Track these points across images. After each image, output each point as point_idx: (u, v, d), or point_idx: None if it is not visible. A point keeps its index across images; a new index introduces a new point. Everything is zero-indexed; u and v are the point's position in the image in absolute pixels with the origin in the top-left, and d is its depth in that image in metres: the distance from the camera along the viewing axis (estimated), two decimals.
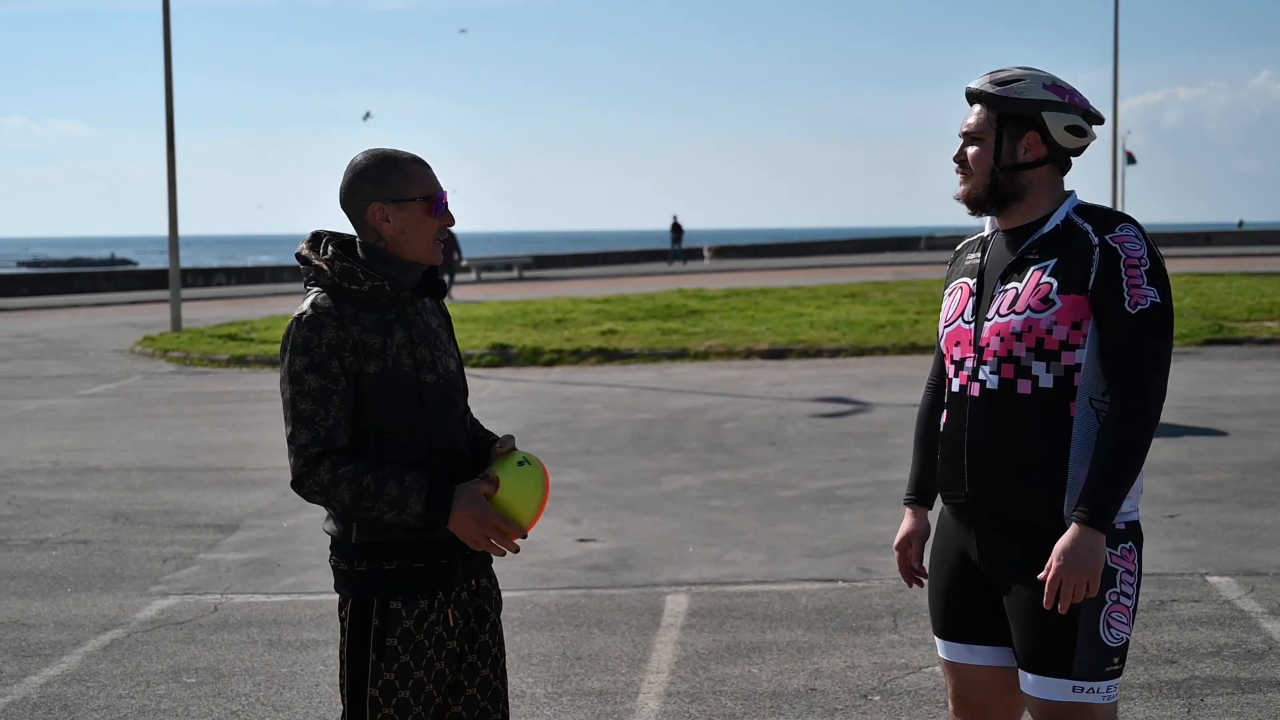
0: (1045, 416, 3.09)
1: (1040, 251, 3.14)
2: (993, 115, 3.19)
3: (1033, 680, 3.15)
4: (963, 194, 3.25)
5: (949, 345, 3.27)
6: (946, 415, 3.27)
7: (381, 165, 3.15)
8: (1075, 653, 3.08)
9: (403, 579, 3.13)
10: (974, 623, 3.27)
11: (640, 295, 26.72)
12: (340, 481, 3.03)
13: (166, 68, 23.68)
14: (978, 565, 3.25)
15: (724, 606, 6.52)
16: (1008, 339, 3.12)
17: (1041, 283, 3.10)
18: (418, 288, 3.19)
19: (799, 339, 18.64)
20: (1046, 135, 3.17)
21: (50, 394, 15.62)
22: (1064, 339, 3.08)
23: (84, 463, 10.91)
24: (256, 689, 5.50)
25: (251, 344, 20.09)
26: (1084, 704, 3.10)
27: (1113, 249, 3.07)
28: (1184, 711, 4.98)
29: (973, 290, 3.24)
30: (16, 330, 24.99)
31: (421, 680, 3.15)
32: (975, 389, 3.17)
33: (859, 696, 5.25)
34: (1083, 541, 3.02)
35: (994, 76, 3.22)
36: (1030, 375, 3.10)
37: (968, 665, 3.31)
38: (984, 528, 3.21)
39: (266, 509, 8.98)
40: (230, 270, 45.08)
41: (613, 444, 11.28)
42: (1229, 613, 6.18)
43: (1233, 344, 17.89)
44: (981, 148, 3.20)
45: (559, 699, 5.31)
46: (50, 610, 6.72)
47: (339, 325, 3.05)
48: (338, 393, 3.05)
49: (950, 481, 3.25)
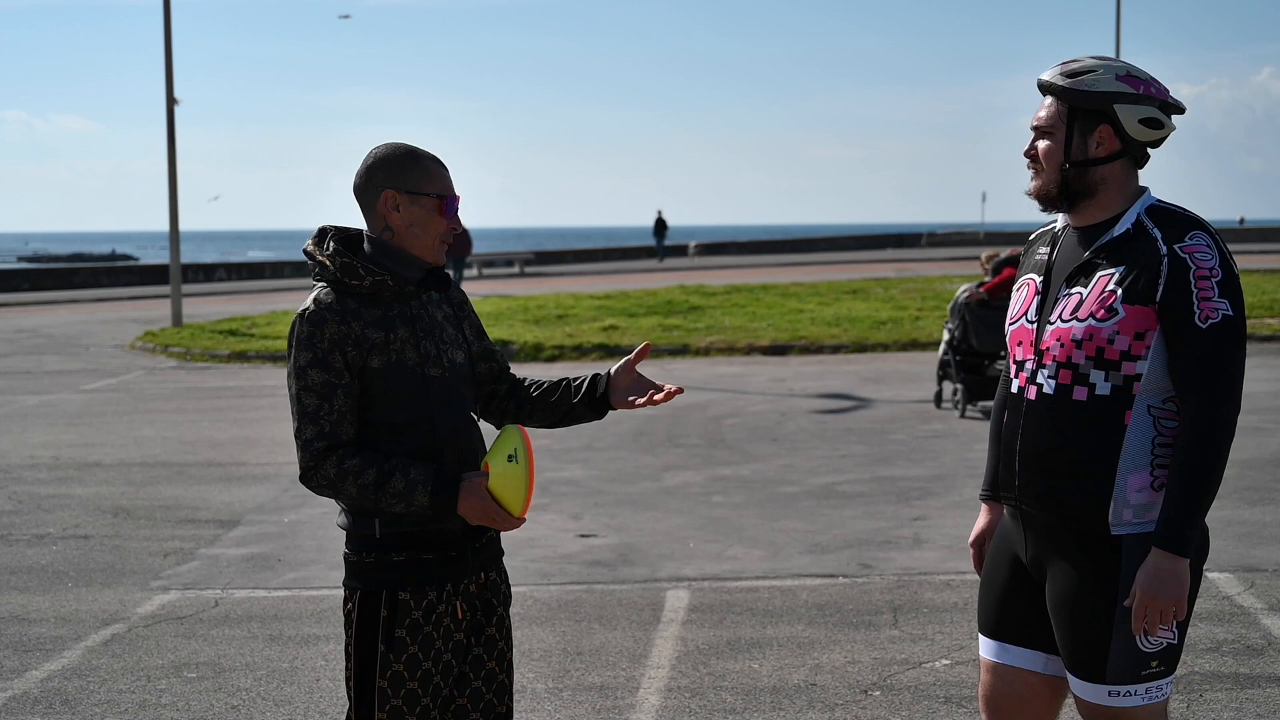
0: (1098, 424, 3.03)
1: (1109, 256, 3.05)
2: (1064, 108, 3.09)
3: (1074, 681, 3.14)
4: (1034, 190, 3.17)
5: (1013, 344, 3.21)
6: (1006, 414, 3.21)
7: (401, 156, 3.19)
8: (1109, 658, 3.06)
9: (412, 570, 3.16)
10: (1012, 623, 3.25)
11: (642, 291, 26.72)
12: (346, 475, 3.07)
13: (167, 63, 23.68)
14: (1024, 566, 3.22)
15: (725, 602, 6.52)
16: (1068, 345, 3.05)
17: (1107, 290, 3.02)
18: (422, 282, 3.21)
19: (800, 335, 18.64)
20: (1119, 129, 3.06)
21: (51, 389, 15.63)
22: (1125, 349, 3.00)
23: (85, 458, 10.91)
24: (257, 684, 5.51)
25: (252, 339, 20.09)
26: (1121, 708, 3.08)
27: (1181, 259, 2.98)
28: (1183, 707, 4.98)
29: (1039, 289, 3.17)
30: (17, 326, 24.99)
31: (430, 671, 3.16)
32: (1032, 392, 3.12)
33: (859, 692, 5.26)
34: (1164, 567, 2.97)
35: (1065, 68, 3.11)
36: (1088, 383, 3.04)
37: (1004, 665, 3.27)
38: (1033, 530, 3.17)
39: (267, 504, 8.99)
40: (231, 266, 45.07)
41: (614, 440, 11.29)
42: (1228, 609, 6.18)
43: None
44: (1052, 142, 3.11)
45: (560, 694, 5.32)
46: (51, 605, 6.73)
47: (341, 320, 3.08)
48: (341, 387, 3.08)
49: (1005, 482, 3.22)
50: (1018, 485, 3.16)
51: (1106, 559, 3.05)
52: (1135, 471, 3.02)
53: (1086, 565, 3.07)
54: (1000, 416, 3.29)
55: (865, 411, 12.64)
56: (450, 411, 3.18)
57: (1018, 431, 3.14)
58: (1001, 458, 3.22)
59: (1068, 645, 3.12)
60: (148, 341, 20.62)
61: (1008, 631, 3.26)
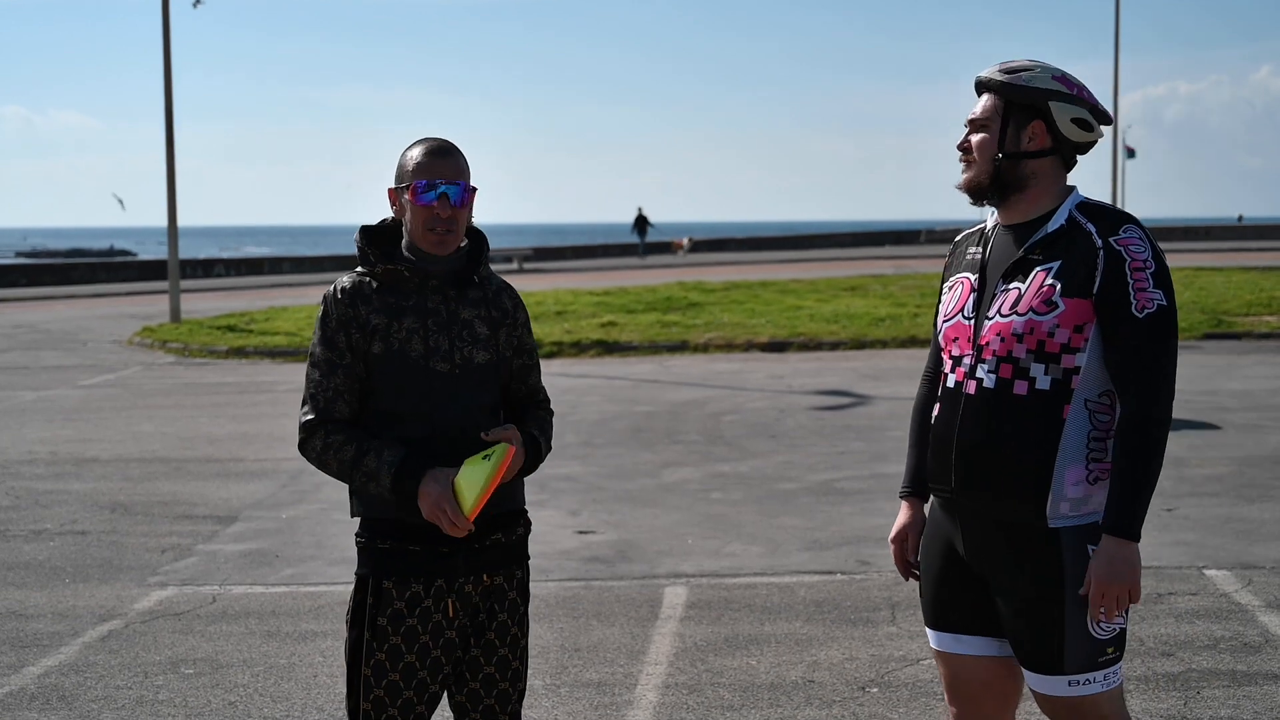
0: (1038, 418, 3.08)
1: (1044, 252, 3.11)
2: (999, 103, 3.17)
3: (1031, 676, 3.17)
4: (965, 181, 3.23)
5: (947, 340, 3.26)
6: (939, 408, 3.26)
7: (403, 152, 3.24)
8: (1065, 649, 3.10)
9: (396, 560, 3.17)
10: (963, 613, 3.28)
11: (640, 288, 26.71)
12: (330, 449, 3.15)
13: (165, 59, 23.66)
14: (964, 557, 3.25)
15: (723, 599, 6.52)
16: (1008, 339, 3.10)
17: (1045, 284, 3.08)
18: (447, 277, 3.21)
19: (799, 332, 18.64)
20: (1052, 125, 3.14)
21: (49, 385, 15.62)
22: (1065, 342, 3.06)
23: (82, 453, 10.91)
24: (254, 680, 5.50)
25: (251, 335, 20.08)
26: (1084, 696, 3.12)
27: (1117, 252, 3.05)
28: (1180, 704, 4.98)
29: (974, 286, 3.22)
30: (15, 321, 24.97)
31: (413, 665, 3.15)
32: (971, 387, 3.16)
33: (857, 688, 5.26)
34: (1116, 553, 3.02)
35: (1003, 66, 3.20)
36: (1028, 377, 3.09)
37: (958, 655, 3.31)
38: (969, 523, 3.21)
39: (265, 500, 8.98)
40: (230, 261, 45.05)
41: (612, 436, 11.28)
42: (1226, 606, 6.18)
43: (1231, 338, 17.90)
44: (986, 134, 3.18)
45: (557, 690, 5.31)
46: (48, 601, 6.72)
47: (350, 303, 3.18)
48: (342, 366, 3.17)
49: (938, 475, 3.25)
50: (954, 479, 3.19)
51: (1046, 552, 3.10)
52: (1072, 465, 3.07)
53: (1027, 559, 3.12)
54: (924, 412, 3.39)
55: (864, 408, 12.64)
56: (453, 408, 3.17)
57: (955, 425, 3.18)
58: (935, 452, 3.26)
59: (1021, 642, 3.16)
60: (146, 337, 20.61)
61: (957, 621, 3.30)
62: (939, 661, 3.39)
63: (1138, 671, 5.33)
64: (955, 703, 3.38)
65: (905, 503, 3.47)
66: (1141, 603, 6.23)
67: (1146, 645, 5.64)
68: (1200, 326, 18.36)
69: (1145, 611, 6.09)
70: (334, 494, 8.78)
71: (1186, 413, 11.75)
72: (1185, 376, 14.06)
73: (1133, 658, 5.48)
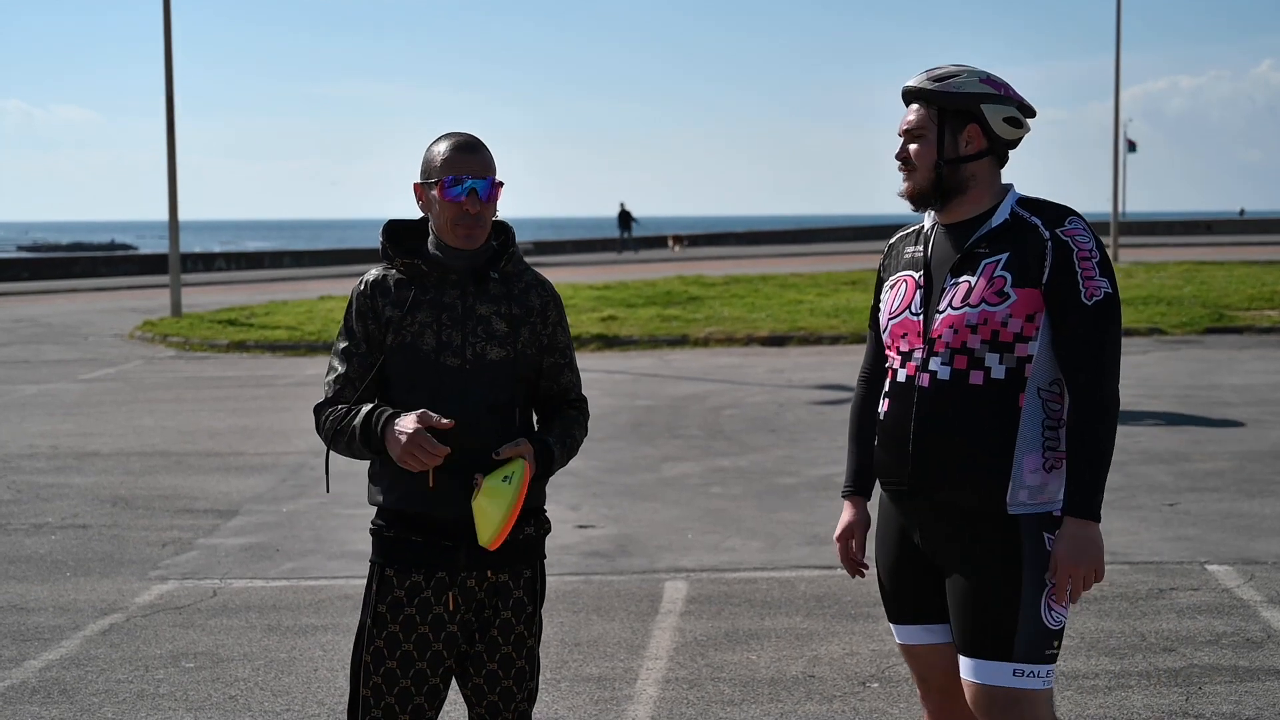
0: (995, 407, 3.14)
1: (990, 245, 3.19)
2: (933, 111, 3.25)
3: (972, 665, 3.18)
4: (907, 190, 3.29)
5: (894, 337, 3.30)
6: (888, 404, 3.29)
7: (427, 148, 3.26)
8: (1016, 635, 3.13)
9: (399, 549, 3.20)
10: (923, 604, 3.33)
11: (640, 281, 26.70)
12: (328, 420, 3.23)
13: (167, 53, 23.64)
14: (919, 548, 3.30)
15: (723, 593, 6.52)
16: (961, 331, 3.16)
17: (996, 276, 3.15)
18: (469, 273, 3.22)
19: (799, 326, 18.63)
20: (986, 127, 3.24)
21: (50, 379, 15.61)
22: (1018, 331, 3.14)
23: (83, 447, 10.90)
24: (255, 674, 5.50)
25: (251, 329, 20.07)
26: (1023, 689, 3.14)
27: (1064, 242, 3.13)
28: (1182, 700, 4.98)
29: (919, 283, 3.27)
30: (16, 315, 24.98)
31: (411, 655, 3.16)
32: (925, 379, 3.21)
33: (857, 683, 5.25)
34: (1079, 533, 3.10)
35: (931, 74, 3.27)
36: (983, 366, 3.15)
37: (923, 646, 3.36)
38: (925, 514, 3.25)
39: (266, 494, 8.98)
40: (230, 255, 45.05)
41: (613, 430, 11.28)
42: (1228, 601, 6.18)
43: (1233, 332, 17.88)
44: (923, 143, 3.25)
45: (558, 685, 5.31)
46: (49, 594, 6.72)
47: (370, 296, 3.23)
48: (358, 355, 3.23)
49: (891, 469, 3.29)
50: (910, 471, 3.23)
51: (1005, 539, 3.15)
52: (1030, 452, 3.14)
53: (986, 546, 3.16)
54: (864, 411, 3.46)
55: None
56: (462, 403, 3.15)
57: (909, 418, 3.22)
58: (887, 446, 3.30)
59: (970, 627, 3.18)
60: (147, 331, 20.61)
61: (923, 612, 3.33)
62: (906, 656, 3.43)
63: (1139, 667, 5.33)
64: (928, 697, 3.43)
65: (848, 501, 3.53)
66: (1143, 598, 6.22)
67: (1148, 641, 5.64)
68: (1202, 321, 18.34)
69: (1147, 607, 6.09)
70: (335, 488, 8.78)
71: (1188, 407, 11.73)
72: (1187, 371, 14.08)
73: (1134, 653, 5.47)
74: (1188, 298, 20.82)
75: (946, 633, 3.32)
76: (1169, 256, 34.57)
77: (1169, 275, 26.01)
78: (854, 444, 3.51)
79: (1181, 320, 18.37)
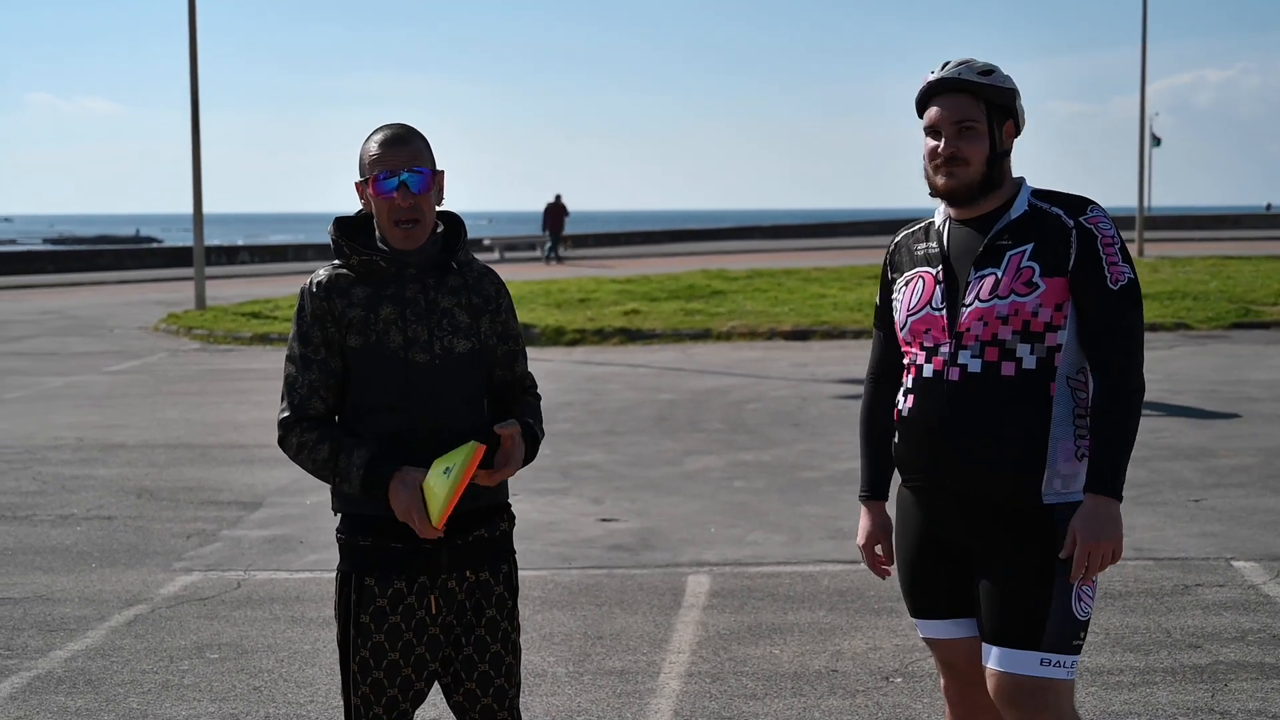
0: (1027, 398, 3.14)
1: (1013, 237, 3.19)
2: (981, 104, 3.21)
3: (999, 654, 3.17)
4: (954, 185, 3.21)
5: (915, 333, 3.27)
6: (912, 399, 3.27)
7: (363, 143, 3.17)
8: (1046, 624, 3.13)
9: (377, 557, 3.12)
10: (947, 597, 3.32)
11: (663, 275, 26.68)
12: (304, 448, 3.11)
13: (191, 45, 23.71)
14: (945, 543, 3.28)
15: (746, 587, 6.51)
16: (992, 323, 3.15)
17: (1023, 266, 3.15)
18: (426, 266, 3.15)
19: (822, 320, 18.59)
20: (1017, 122, 3.27)
21: (75, 371, 15.70)
22: (1048, 320, 3.15)
23: (109, 439, 10.96)
24: (279, 665, 5.52)
25: (275, 322, 20.14)
26: (1049, 679, 3.13)
27: (1088, 230, 3.15)
28: (1208, 696, 4.95)
29: (938, 278, 3.25)
30: (42, 307, 25.12)
31: (396, 663, 3.12)
32: (954, 373, 3.18)
33: (881, 678, 5.24)
34: (1101, 511, 3.10)
35: (971, 65, 3.24)
36: (1014, 357, 3.15)
37: (949, 640, 3.35)
38: (952, 507, 3.23)
39: (289, 486, 9.01)
40: (254, 248, 45.20)
41: (635, 424, 11.28)
42: (1254, 598, 6.14)
43: (1259, 327, 17.77)
44: (976, 137, 3.20)
45: (580, 678, 5.31)
46: (75, 585, 6.76)
47: (325, 297, 3.11)
48: (317, 362, 3.11)
49: (916, 464, 3.28)
50: (939, 466, 3.21)
51: (1040, 529, 3.15)
52: (1063, 441, 3.15)
53: (1021, 537, 3.16)
54: (875, 412, 3.43)
55: None
56: (432, 400, 3.10)
57: (938, 413, 3.20)
58: (910, 441, 3.27)
59: (999, 616, 3.16)
60: (171, 323, 20.70)
61: (942, 607, 3.33)
62: (932, 649, 3.43)
63: (1165, 663, 5.30)
64: (952, 688, 3.42)
65: (866, 507, 3.51)
66: (1168, 594, 6.19)
67: (1174, 637, 5.61)
68: (1228, 316, 18.24)
69: (1172, 603, 6.06)
70: None
71: (1213, 403, 11.66)
72: (1213, 366, 13.99)
73: (1159, 650, 5.45)
74: (1213, 293, 20.69)
75: (971, 626, 3.31)
76: (1194, 251, 34.37)
77: (1195, 270, 25.86)
78: (867, 445, 3.48)
79: (1207, 315, 18.27)
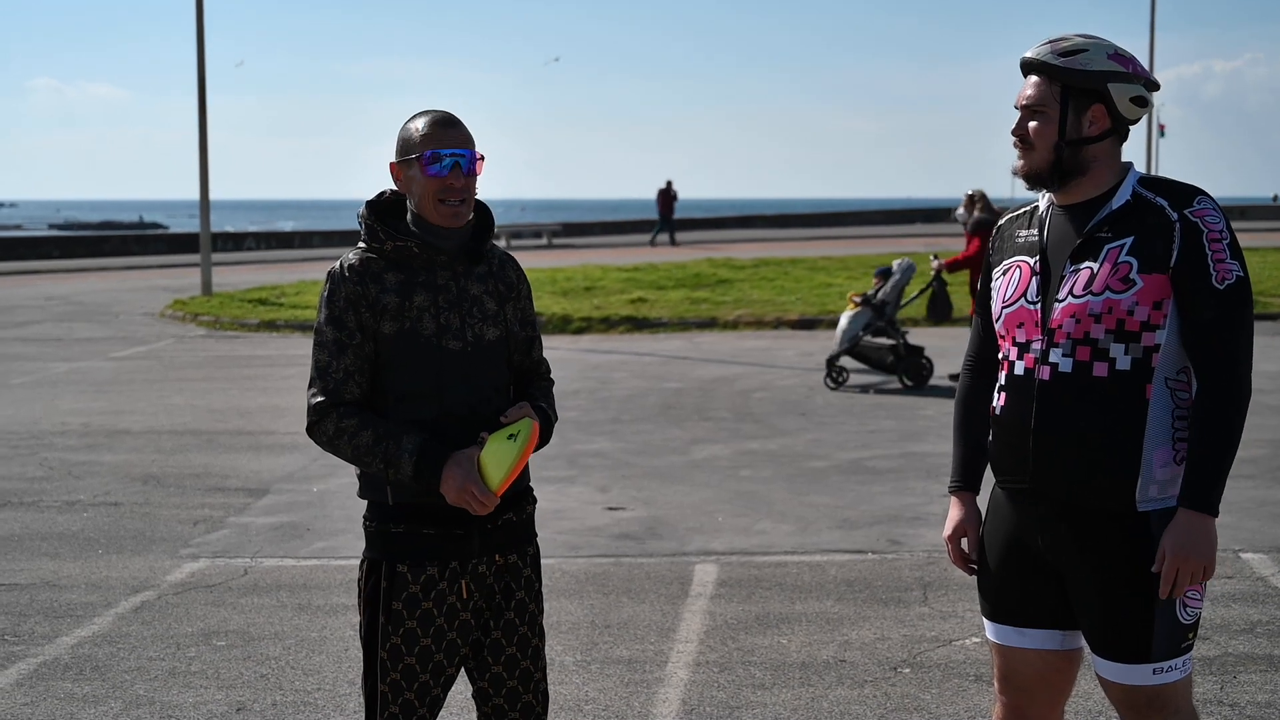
0: (1121, 400, 2.98)
1: (1113, 229, 3.01)
2: (1056, 87, 3.05)
3: (1111, 667, 3.08)
4: (1022, 169, 3.11)
5: (1009, 326, 3.14)
6: (1004, 398, 3.14)
7: (403, 126, 3.17)
8: (1154, 637, 3.02)
9: (410, 543, 3.13)
10: (1025, 606, 3.20)
11: (670, 264, 26.66)
12: (343, 434, 3.09)
13: (199, 30, 23.68)
14: (1036, 550, 3.15)
15: (753, 577, 6.50)
16: (1084, 320, 3.00)
17: (1120, 262, 2.98)
18: (458, 252, 3.15)
19: (829, 309, 18.56)
20: (1112, 107, 3.04)
21: (81, 356, 15.70)
22: (1145, 319, 2.97)
23: (115, 425, 10.96)
24: (286, 652, 5.52)
25: (281, 308, 20.14)
26: (1165, 684, 3.05)
27: (1194, 224, 2.96)
28: (1217, 688, 4.94)
29: (1034, 269, 3.11)
30: (48, 293, 25.12)
31: (428, 649, 3.12)
32: (1045, 372, 3.05)
33: (889, 668, 5.23)
34: (1195, 527, 2.96)
35: (1056, 46, 3.07)
36: (1108, 357, 2.99)
37: (1017, 649, 3.23)
38: (1048, 514, 3.10)
39: (296, 473, 9.00)
40: (260, 235, 45.17)
41: (642, 413, 11.27)
42: (1262, 589, 6.13)
43: (1267, 319, 17.71)
44: (1043, 121, 3.06)
45: (588, 667, 5.31)
46: (81, 571, 6.76)
47: (359, 281, 3.09)
48: (352, 347, 3.10)
49: (1010, 467, 3.14)
50: (1032, 468, 3.08)
51: (1137, 537, 3.01)
52: (1160, 446, 2.99)
53: (1117, 546, 3.02)
54: (970, 403, 3.31)
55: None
56: (465, 387, 3.11)
57: (1030, 413, 3.07)
58: (1005, 443, 3.15)
59: (1105, 629, 3.06)
60: (177, 310, 20.70)
61: (1023, 615, 3.21)
62: (995, 653, 3.30)
63: None
64: (1006, 693, 3.29)
65: (955, 498, 3.35)
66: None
67: None
68: None
69: None
70: None
71: None
72: None
73: None
74: None
75: (1042, 639, 3.20)
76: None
77: None
78: (960, 435, 3.34)
79: None
